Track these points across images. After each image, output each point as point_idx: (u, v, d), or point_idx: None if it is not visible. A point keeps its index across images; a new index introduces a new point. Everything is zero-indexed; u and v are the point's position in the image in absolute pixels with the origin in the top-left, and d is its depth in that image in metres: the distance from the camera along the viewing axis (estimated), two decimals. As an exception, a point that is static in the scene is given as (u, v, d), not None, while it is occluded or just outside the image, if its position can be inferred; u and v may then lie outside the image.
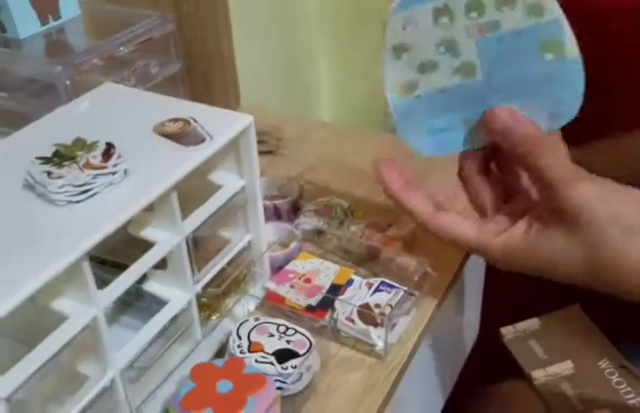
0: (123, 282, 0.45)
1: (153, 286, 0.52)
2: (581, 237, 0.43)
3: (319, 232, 0.67)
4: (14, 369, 0.38)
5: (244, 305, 0.58)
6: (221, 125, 0.50)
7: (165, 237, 0.49)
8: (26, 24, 0.76)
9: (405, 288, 0.56)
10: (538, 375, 0.84)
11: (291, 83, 1.16)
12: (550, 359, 0.86)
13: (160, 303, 0.52)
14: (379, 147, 0.82)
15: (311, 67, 1.22)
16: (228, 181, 0.54)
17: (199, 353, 0.53)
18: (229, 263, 0.57)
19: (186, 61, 0.82)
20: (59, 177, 0.41)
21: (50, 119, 0.52)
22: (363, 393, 0.50)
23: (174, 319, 0.52)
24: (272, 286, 0.60)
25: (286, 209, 0.70)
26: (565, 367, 0.84)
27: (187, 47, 0.87)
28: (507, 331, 0.91)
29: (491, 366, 0.89)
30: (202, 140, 0.47)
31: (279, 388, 0.47)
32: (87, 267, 0.41)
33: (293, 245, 0.64)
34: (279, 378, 0.48)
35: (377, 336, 0.53)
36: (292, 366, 0.49)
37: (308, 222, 0.67)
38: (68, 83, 0.67)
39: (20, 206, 0.42)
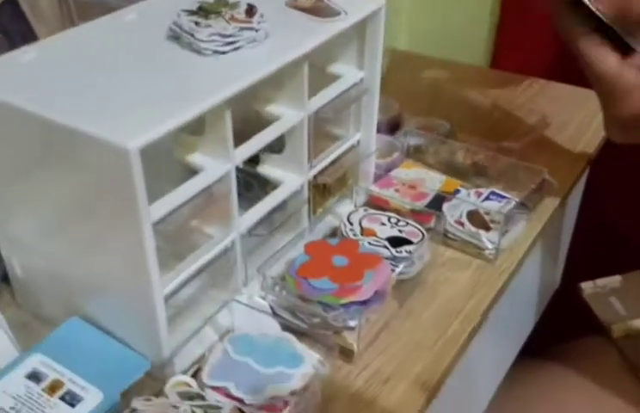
0: (256, 143, 0.46)
1: (267, 169, 0.53)
2: None
3: (419, 150, 0.67)
4: (161, 201, 0.39)
5: (347, 205, 0.59)
6: (352, 4, 0.50)
7: (291, 113, 0.49)
8: None
9: (517, 199, 0.55)
10: (618, 328, 0.82)
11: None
12: (631, 315, 0.84)
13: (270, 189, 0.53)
14: (476, 78, 0.81)
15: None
16: (348, 73, 0.55)
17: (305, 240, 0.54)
18: (336, 160, 0.57)
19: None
20: (208, 26, 0.42)
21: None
22: (473, 288, 0.50)
23: (284, 206, 0.52)
24: (375, 189, 0.60)
25: (384, 125, 0.69)
26: (646, 323, 0.82)
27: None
28: (587, 286, 0.89)
29: (569, 322, 0.87)
30: (338, 14, 0.48)
31: (392, 270, 0.48)
32: (229, 116, 0.42)
33: (396, 155, 0.64)
34: (392, 261, 0.48)
35: (487, 240, 0.53)
36: (405, 251, 0.49)
37: (411, 137, 0.67)
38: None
39: (167, 55, 0.44)
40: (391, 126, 0.70)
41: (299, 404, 0.38)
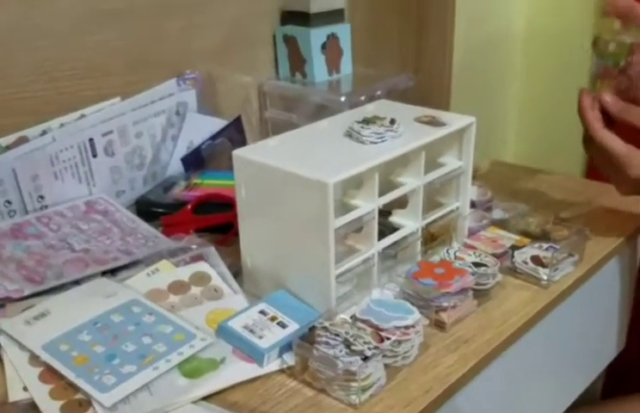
0: (392, 194, 0.78)
1: (395, 219, 0.85)
2: None
3: (502, 223, 0.94)
4: (338, 218, 0.72)
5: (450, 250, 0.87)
6: (454, 120, 0.82)
7: (413, 182, 0.81)
8: (320, 73, 1.18)
9: (569, 250, 0.81)
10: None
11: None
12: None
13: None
14: (553, 185, 1.08)
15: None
16: (451, 162, 0.86)
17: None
18: (441, 218, 0.87)
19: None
20: (368, 128, 0.77)
21: (351, 111, 0.89)
22: (530, 301, 0.76)
23: (405, 242, 0.83)
24: (468, 240, 0.88)
25: (480, 204, 0.98)
26: None
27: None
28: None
29: (626, 391, 1.04)
30: (445, 124, 0.80)
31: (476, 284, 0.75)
32: (377, 177, 0.74)
33: (485, 222, 0.92)
34: (474, 275, 0.76)
35: (543, 273, 0.78)
36: (483, 270, 0.76)
37: (497, 213, 0.95)
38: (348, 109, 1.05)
39: (344, 143, 0.78)
40: (485, 207, 0.98)
41: (409, 334, 0.66)
